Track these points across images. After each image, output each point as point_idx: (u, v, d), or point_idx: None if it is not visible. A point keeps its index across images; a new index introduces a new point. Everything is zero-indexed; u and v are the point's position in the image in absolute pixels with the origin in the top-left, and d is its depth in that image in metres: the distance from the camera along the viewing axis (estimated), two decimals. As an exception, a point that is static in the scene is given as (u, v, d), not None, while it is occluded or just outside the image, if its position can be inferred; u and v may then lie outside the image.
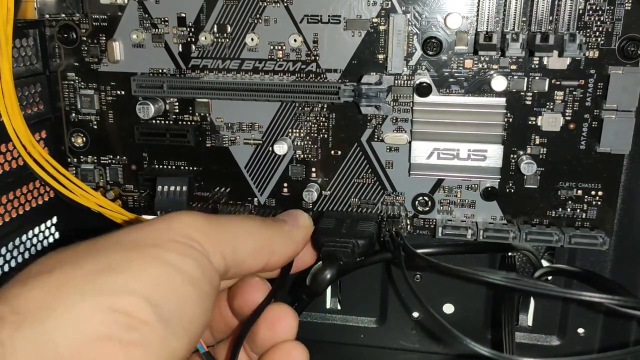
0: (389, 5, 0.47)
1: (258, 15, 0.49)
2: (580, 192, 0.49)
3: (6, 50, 0.46)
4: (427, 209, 0.52)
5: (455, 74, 0.48)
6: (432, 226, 0.52)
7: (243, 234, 0.34)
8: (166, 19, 0.51)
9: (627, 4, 0.44)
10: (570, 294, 0.40)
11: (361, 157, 0.51)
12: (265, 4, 0.49)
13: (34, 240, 0.54)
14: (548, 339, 0.56)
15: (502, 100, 0.48)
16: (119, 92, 0.54)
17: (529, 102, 0.48)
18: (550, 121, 0.48)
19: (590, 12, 0.45)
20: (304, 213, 0.41)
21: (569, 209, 0.50)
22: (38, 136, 0.53)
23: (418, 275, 0.56)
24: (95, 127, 0.55)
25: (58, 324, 0.25)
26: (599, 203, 0.49)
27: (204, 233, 0.31)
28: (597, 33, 0.45)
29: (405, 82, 0.49)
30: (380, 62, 0.49)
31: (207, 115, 0.53)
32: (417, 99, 0.48)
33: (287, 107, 0.51)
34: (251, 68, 0.51)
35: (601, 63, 0.46)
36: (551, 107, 0.48)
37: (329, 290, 0.59)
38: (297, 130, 0.52)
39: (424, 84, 0.48)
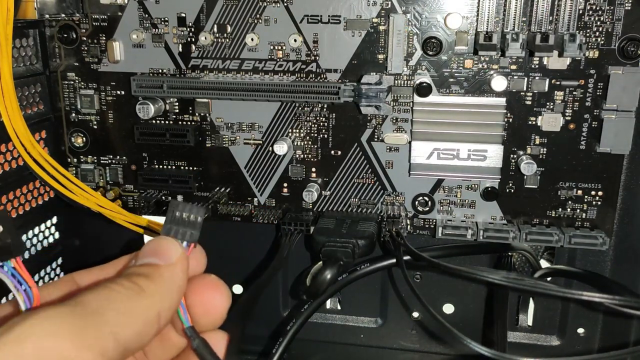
0: (389, 5, 0.47)
1: (258, 15, 0.49)
2: (580, 192, 0.49)
3: (6, 50, 0.46)
4: (427, 209, 0.52)
5: (455, 74, 0.48)
6: (432, 226, 0.52)
7: (121, 317, 0.28)
8: (166, 19, 0.51)
9: (627, 4, 0.44)
10: (570, 294, 0.40)
11: (361, 157, 0.51)
12: (265, 4, 0.49)
13: (34, 240, 0.54)
14: (548, 339, 0.56)
15: (502, 101, 0.48)
16: (119, 92, 0.54)
17: (529, 102, 0.48)
18: (550, 121, 0.48)
19: (590, 12, 0.45)
20: (168, 240, 0.33)
21: (569, 209, 0.50)
22: (38, 136, 0.53)
23: (418, 275, 0.56)
24: (95, 127, 0.55)
25: None
26: (599, 203, 0.49)
27: (75, 342, 0.25)
28: (597, 33, 0.45)
29: (405, 82, 0.49)
30: (380, 62, 0.49)
31: (207, 115, 0.53)
32: (417, 99, 0.48)
33: (287, 107, 0.51)
34: (251, 68, 0.51)
35: (601, 63, 0.46)
36: (551, 107, 0.48)
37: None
38: (297, 130, 0.52)
39: (424, 84, 0.48)
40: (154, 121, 0.53)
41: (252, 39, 0.50)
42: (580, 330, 0.55)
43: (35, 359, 0.23)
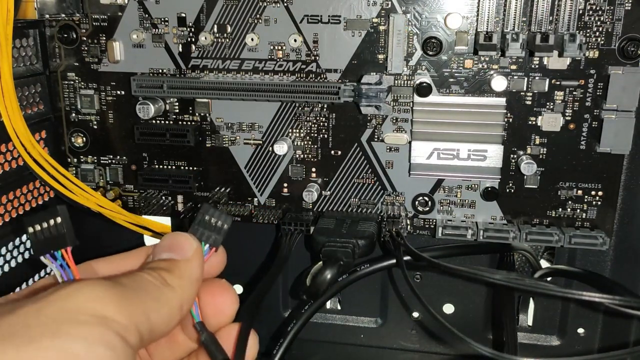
0: (389, 5, 0.47)
1: (258, 15, 0.49)
2: (580, 192, 0.49)
3: (6, 50, 0.46)
4: (427, 209, 0.52)
5: (455, 74, 0.48)
6: (432, 226, 0.52)
7: (153, 303, 0.30)
8: (166, 19, 0.51)
9: (627, 4, 0.44)
10: (570, 294, 0.40)
11: (361, 157, 0.51)
12: (265, 4, 0.49)
13: (34, 240, 0.54)
14: (548, 339, 0.56)
15: (502, 100, 0.48)
16: (119, 92, 0.54)
17: (529, 102, 0.48)
18: (550, 121, 0.48)
19: (590, 12, 0.45)
20: (183, 235, 0.36)
21: (569, 209, 0.50)
22: (38, 136, 0.53)
23: (418, 275, 0.56)
24: (95, 127, 0.55)
25: None
26: (599, 203, 0.49)
27: (114, 307, 0.28)
28: (597, 33, 0.45)
29: (405, 82, 0.49)
30: (380, 62, 0.49)
31: (207, 115, 0.53)
32: (417, 99, 0.48)
33: (287, 107, 0.51)
34: (251, 68, 0.51)
35: (601, 63, 0.46)
36: (551, 107, 0.48)
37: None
38: (297, 130, 0.52)
39: (424, 84, 0.48)
40: (154, 121, 0.53)
41: (252, 39, 0.50)
42: (580, 330, 0.55)
43: (82, 312, 0.26)
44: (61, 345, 0.25)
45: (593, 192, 0.49)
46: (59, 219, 0.34)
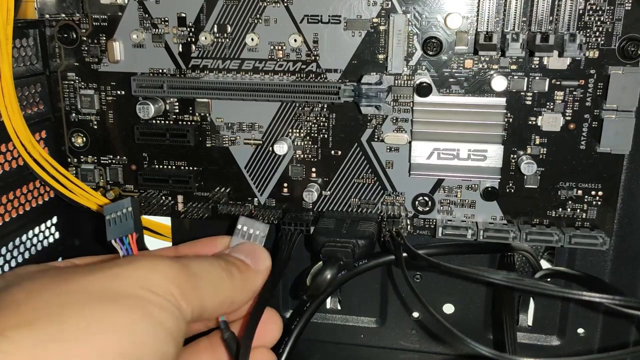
0: (389, 5, 0.47)
1: (258, 15, 0.49)
2: (580, 192, 0.49)
3: (6, 50, 0.46)
4: (427, 209, 0.52)
5: (456, 74, 0.48)
6: (432, 226, 0.52)
7: (211, 289, 0.33)
8: (166, 19, 0.51)
9: (627, 4, 0.44)
10: (570, 294, 0.40)
11: (361, 157, 0.51)
12: (265, 4, 0.49)
13: (34, 240, 0.54)
14: (548, 339, 0.56)
15: (502, 100, 0.48)
16: (119, 92, 0.54)
17: (529, 102, 0.48)
18: (550, 121, 0.48)
19: (590, 12, 0.45)
20: (264, 251, 0.40)
21: (569, 209, 0.50)
22: (38, 136, 0.53)
23: (418, 275, 0.56)
24: (95, 127, 0.55)
25: None
26: (599, 203, 0.49)
27: (180, 287, 0.30)
28: (597, 33, 0.45)
29: (406, 82, 0.49)
30: (381, 62, 0.49)
31: (207, 115, 0.53)
32: (417, 99, 0.48)
33: (287, 107, 0.51)
34: (251, 68, 0.51)
35: (601, 63, 0.46)
36: (551, 107, 0.48)
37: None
38: (297, 130, 0.52)
39: (424, 84, 0.48)
40: (154, 121, 0.53)
41: (252, 39, 0.50)
42: (580, 330, 0.55)
43: (154, 285, 0.29)
44: (141, 308, 0.28)
45: (593, 192, 0.49)
46: (130, 209, 0.39)
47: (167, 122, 0.54)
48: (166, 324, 0.28)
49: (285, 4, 0.49)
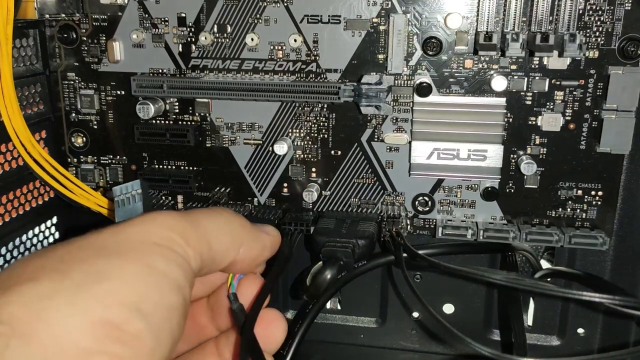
0: (389, 5, 0.47)
1: (258, 15, 0.49)
2: (580, 192, 0.49)
3: (6, 50, 0.46)
4: (427, 209, 0.52)
5: (455, 74, 0.48)
6: (432, 226, 0.52)
7: (216, 230, 0.34)
8: (166, 19, 0.51)
9: (627, 4, 0.44)
10: (570, 294, 0.40)
11: (361, 157, 0.51)
12: (265, 4, 0.49)
13: (34, 240, 0.54)
14: (548, 339, 0.56)
15: (502, 100, 0.48)
16: (119, 92, 0.54)
17: (529, 102, 0.48)
18: (550, 121, 0.48)
19: (590, 12, 0.45)
20: (272, 227, 0.41)
21: (569, 209, 0.50)
22: (38, 136, 0.53)
23: (418, 275, 0.56)
24: (95, 127, 0.55)
25: (48, 339, 0.24)
26: (599, 203, 0.49)
27: (182, 234, 0.31)
28: (597, 33, 0.45)
29: (405, 82, 0.49)
30: (380, 62, 0.49)
31: (207, 115, 0.53)
32: (417, 99, 0.48)
33: (287, 107, 0.51)
34: (251, 68, 0.51)
35: (601, 63, 0.46)
36: (551, 107, 0.48)
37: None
38: (297, 130, 0.52)
39: (424, 84, 0.48)
40: (154, 121, 0.53)
41: (252, 39, 0.50)
42: (580, 330, 0.55)
43: (142, 234, 0.30)
44: (143, 259, 0.28)
45: (593, 192, 0.49)
46: (139, 190, 0.40)
47: (167, 122, 0.54)
48: (171, 274, 0.29)
49: (285, 4, 0.49)
